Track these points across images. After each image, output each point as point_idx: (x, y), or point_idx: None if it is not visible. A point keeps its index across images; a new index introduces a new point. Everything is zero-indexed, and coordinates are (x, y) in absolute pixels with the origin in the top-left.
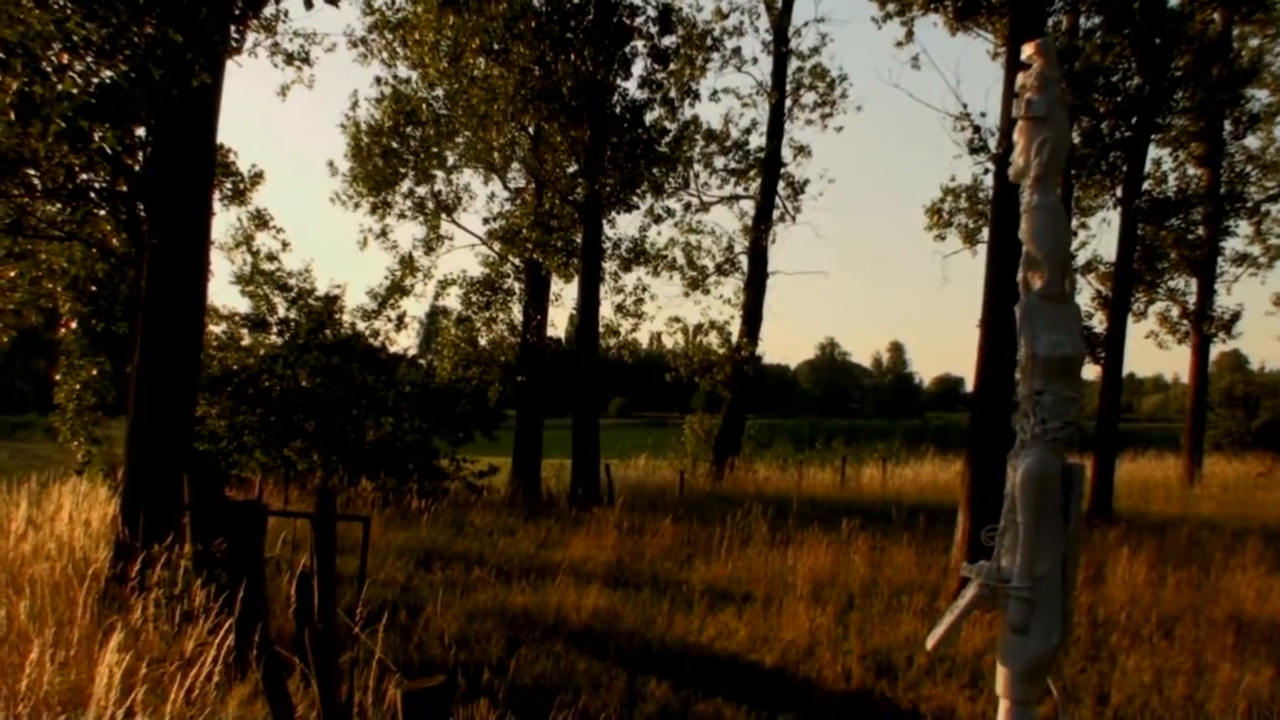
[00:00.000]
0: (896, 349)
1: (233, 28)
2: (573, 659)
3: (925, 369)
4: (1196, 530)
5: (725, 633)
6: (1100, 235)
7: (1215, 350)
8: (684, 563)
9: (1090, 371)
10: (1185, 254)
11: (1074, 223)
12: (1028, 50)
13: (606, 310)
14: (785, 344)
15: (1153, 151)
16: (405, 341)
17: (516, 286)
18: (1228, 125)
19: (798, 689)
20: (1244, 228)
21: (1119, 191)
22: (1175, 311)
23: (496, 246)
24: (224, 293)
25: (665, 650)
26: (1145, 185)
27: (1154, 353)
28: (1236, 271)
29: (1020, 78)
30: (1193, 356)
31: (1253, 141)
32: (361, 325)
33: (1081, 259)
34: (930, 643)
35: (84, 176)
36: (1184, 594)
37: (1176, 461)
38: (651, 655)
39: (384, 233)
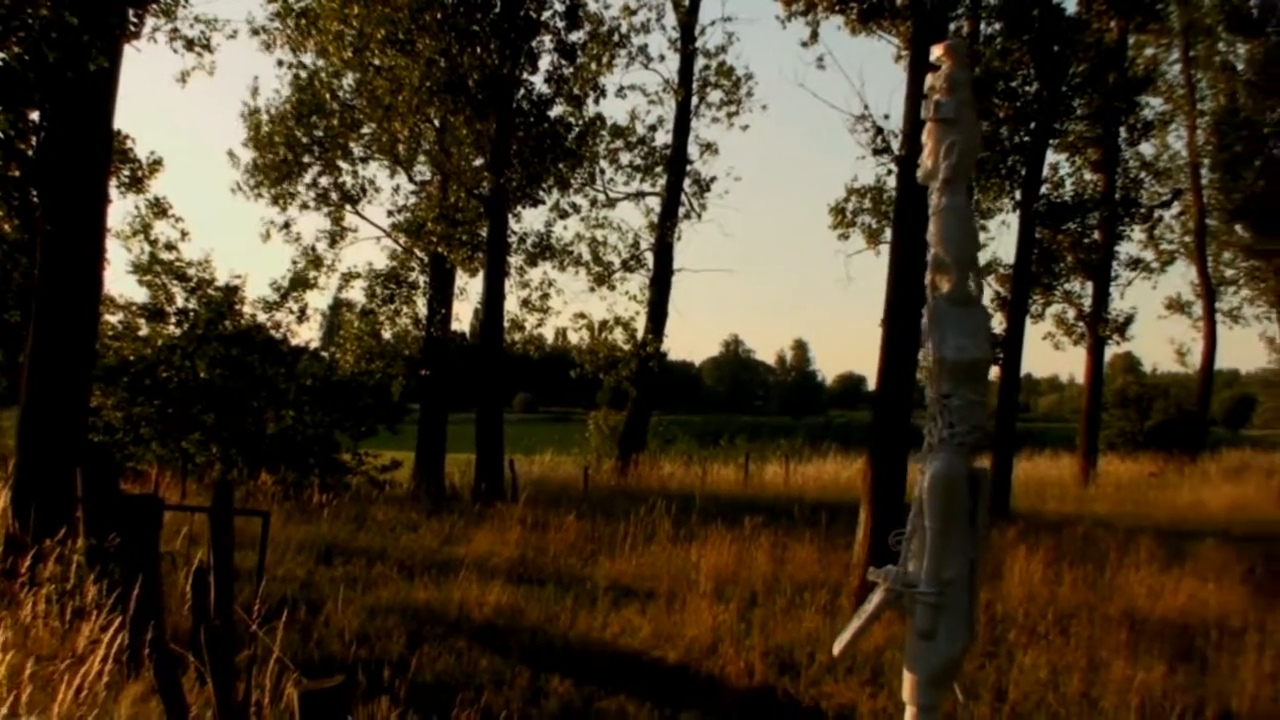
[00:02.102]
0: (800, 347)
1: (130, 11)
2: (475, 656)
3: (828, 367)
4: (1091, 529)
5: (629, 629)
6: (999, 238)
7: (1109, 352)
8: (588, 559)
9: (989, 372)
10: (1081, 257)
11: None
12: (936, 52)
13: (512, 305)
14: (690, 341)
15: (1051, 156)
16: (308, 334)
17: (421, 280)
18: (1123, 132)
19: (701, 686)
20: (1137, 233)
21: (1018, 195)
22: (1071, 314)
23: (401, 239)
24: (121, 281)
25: (568, 647)
26: (1043, 189)
27: (1049, 354)
28: (1130, 275)
29: (929, 79)
30: (1088, 358)
31: (1146, 148)
32: (263, 317)
33: (982, 261)
34: (836, 648)
35: None
36: (1079, 591)
37: (1072, 461)
38: (555, 652)
39: (287, 225)
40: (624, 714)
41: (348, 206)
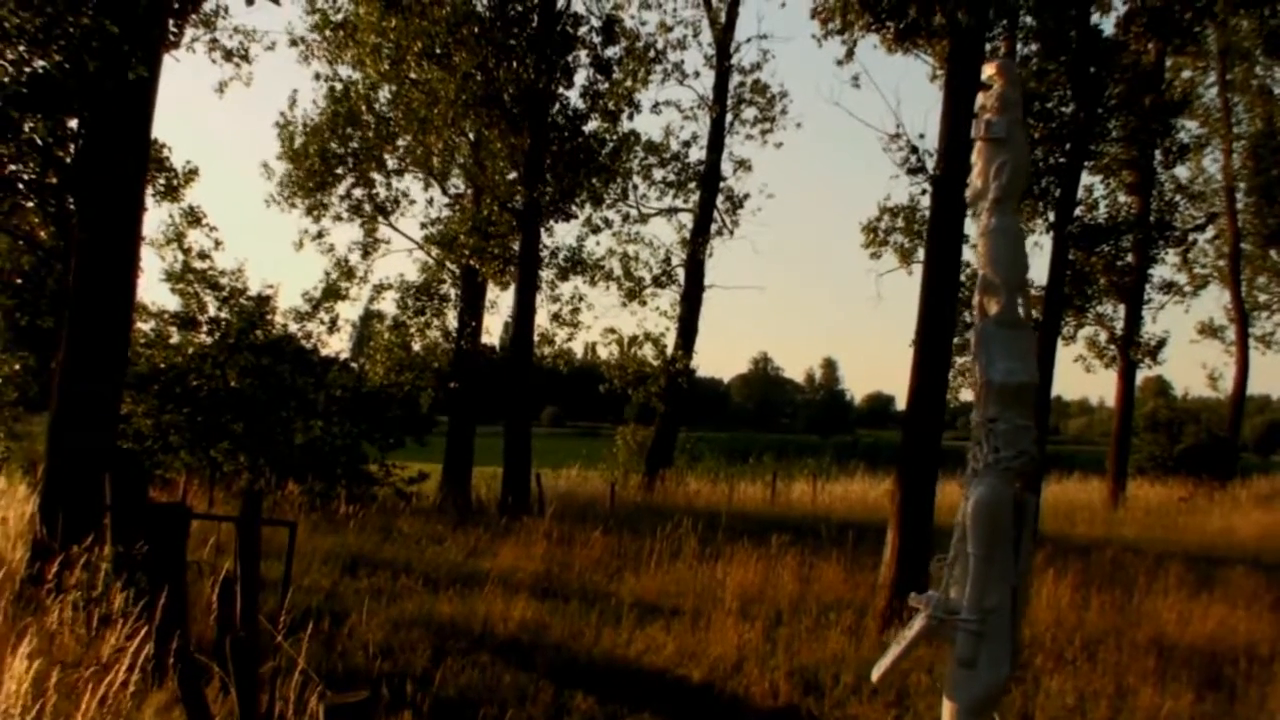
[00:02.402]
0: (829, 365)
1: (171, 21)
2: (499, 670)
3: (857, 386)
4: (1120, 553)
5: (653, 647)
6: (1033, 259)
7: (1140, 376)
8: (613, 575)
9: (1035, 397)
10: (1114, 280)
11: None
12: (989, 70)
13: (542, 319)
14: (719, 357)
15: (1085, 178)
16: (338, 345)
17: (452, 293)
18: (1158, 155)
19: (725, 705)
20: (1171, 256)
21: (1052, 216)
22: (1103, 336)
23: (434, 252)
24: (154, 290)
25: (592, 663)
26: (1077, 211)
27: (1079, 377)
28: (1163, 299)
29: (980, 98)
30: (1119, 381)
31: (1182, 171)
32: (294, 327)
33: None
34: (875, 674)
35: (13, 167)
36: (1107, 616)
37: (1101, 484)
38: (578, 668)
39: (320, 234)
40: None
41: (381, 218)
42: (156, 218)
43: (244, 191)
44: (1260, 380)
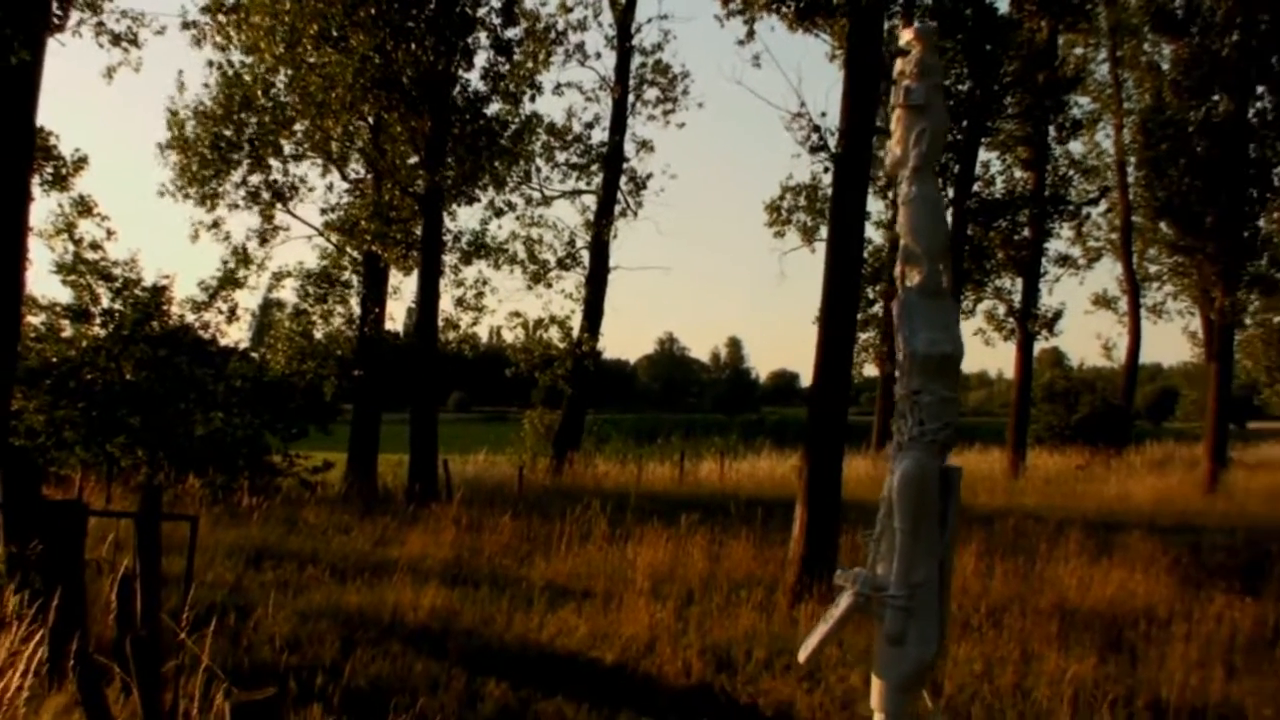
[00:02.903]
0: (734, 344)
1: (54, 4)
2: (410, 659)
3: (762, 364)
4: (1021, 521)
5: (565, 630)
6: None
7: (1037, 347)
8: (523, 559)
9: (960, 367)
10: (1011, 254)
11: None
12: (906, 36)
13: (446, 304)
14: (624, 339)
15: (982, 154)
16: (237, 334)
17: (354, 279)
18: (1052, 130)
19: (639, 685)
20: (1066, 230)
21: (951, 192)
22: (1001, 309)
23: (334, 238)
24: (43, 282)
25: (505, 649)
26: (975, 187)
27: (978, 349)
28: (1059, 272)
29: (898, 64)
30: (1017, 353)
31: (1075, 147)
32: (191, 317)
33: None
34: (802, 655)
35: None
36: (1011, 584)
37: (1001, 455)
38: (491, 654)
39: (215, 224)
40: (562, 716)
41: (279, 205)
42: (45, 207)
43: (138, 180)
44: (1151, 349)
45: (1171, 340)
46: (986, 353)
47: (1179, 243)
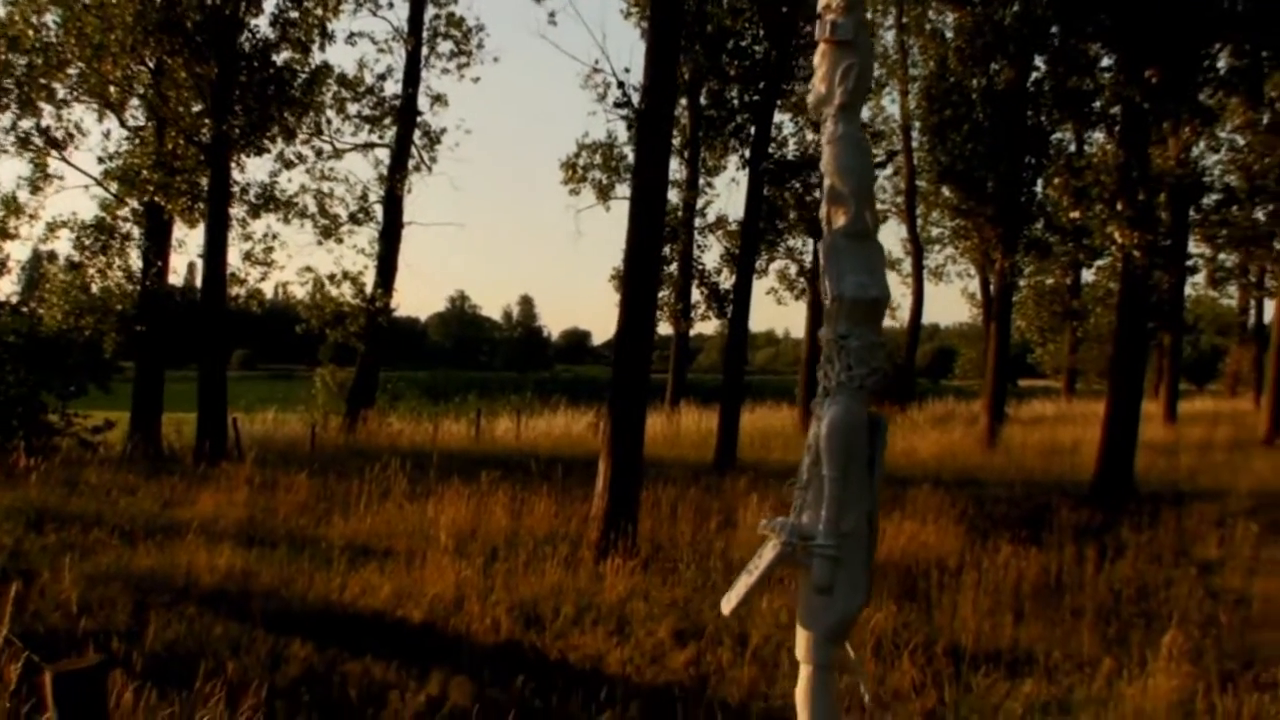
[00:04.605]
0: (526, 302)
1: None
2: (208, 622)
3: (554, 322)
4: None
5: (369, 589)
6: (729, 196)
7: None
8: (321, 519)
9: (712, 326)
10: (804, 214)
11: (700, 182)
12: None
13: (234, 258)
14: (415, 296)
15: (777, 116)
16: (7, 288)
17: (135, 231)
18: None
19: (448, 643)
20: None
21: (746, 153)
22: (794, 269)
23: (114, 188)
24: None
25: (307, 610)
26: (770, 148)
27: (765, 308)
28: None
29: None
30: (808, 312)
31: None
32: None
33: (711, 218)
34: (726, 607)
35: None
36: None
37: (792, 411)
38: (293, 615)
39: None
40: (370, 676)
41: (53, 152)
42: None
43: None
44: (930, 310)
45: (948, 302)
46: (772, 313)
47: (961, 206)
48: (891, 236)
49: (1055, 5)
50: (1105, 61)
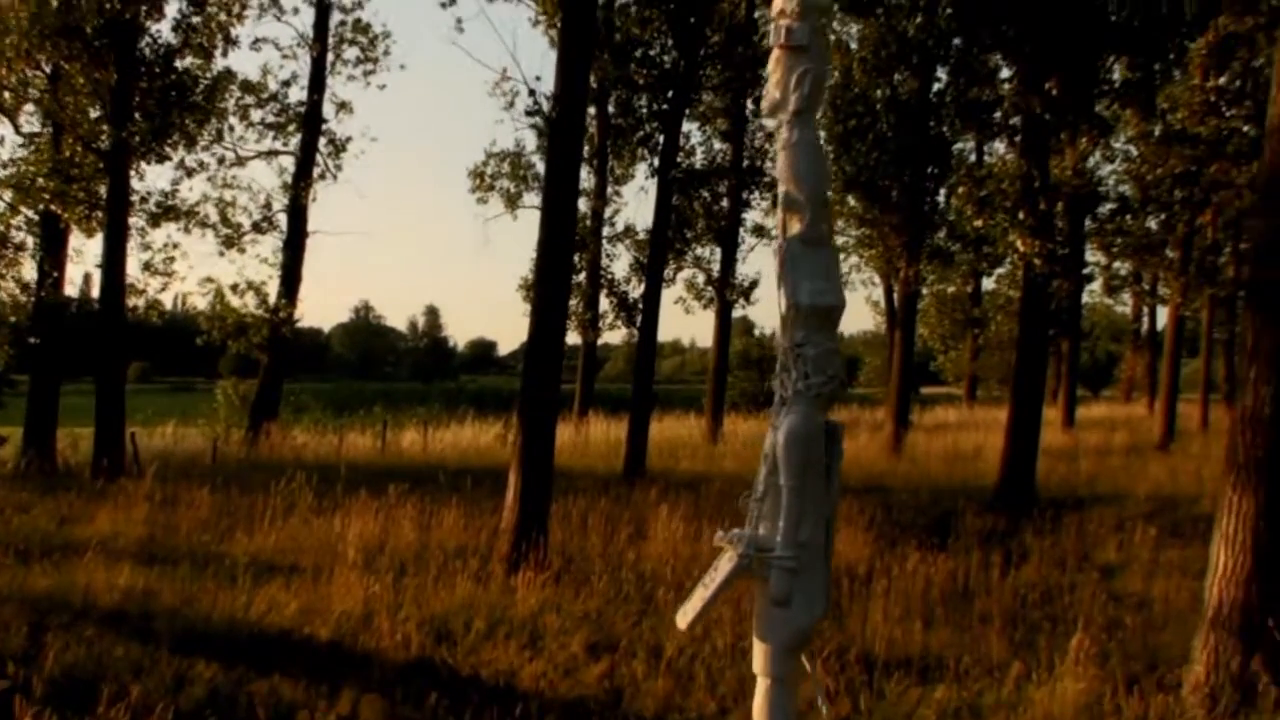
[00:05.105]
0: (432, 312)
1: None
2: (109, 643)
3: (460, 332)
4: (725, 485)
5: (275, 606)
6: (638, 205)
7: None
8: (224, 535)
9: (619, 336)
10: (712, 224)
11: (609, 191)
12: None
13: (133, 268)
14: (320, 306)
15: (685, 125)
16: None
17: (30, 240)
18: (749, 104)
19: (357, 660)
20: (761, 201)
21: (656, 162)
22: (701, 278)
23: (7, 196)
24: None
25: (212, 629)
26: (679, 157)
27: (671, 317)
28: (754, 241)
29: (776, 3)
30: (716, 321)
31: (769, 121)
32: None
33: (619, 226)
34: (682, 622)
35: None
36: None
37: (698, 421)
38: (197, 634)
39: None
40: (278, 695)
41: None
42: None
43: None
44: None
45: (852, 310)
46: (679, 322)
47: (866, 215)
48: None
49: (957, 17)
50: (1005, 73)
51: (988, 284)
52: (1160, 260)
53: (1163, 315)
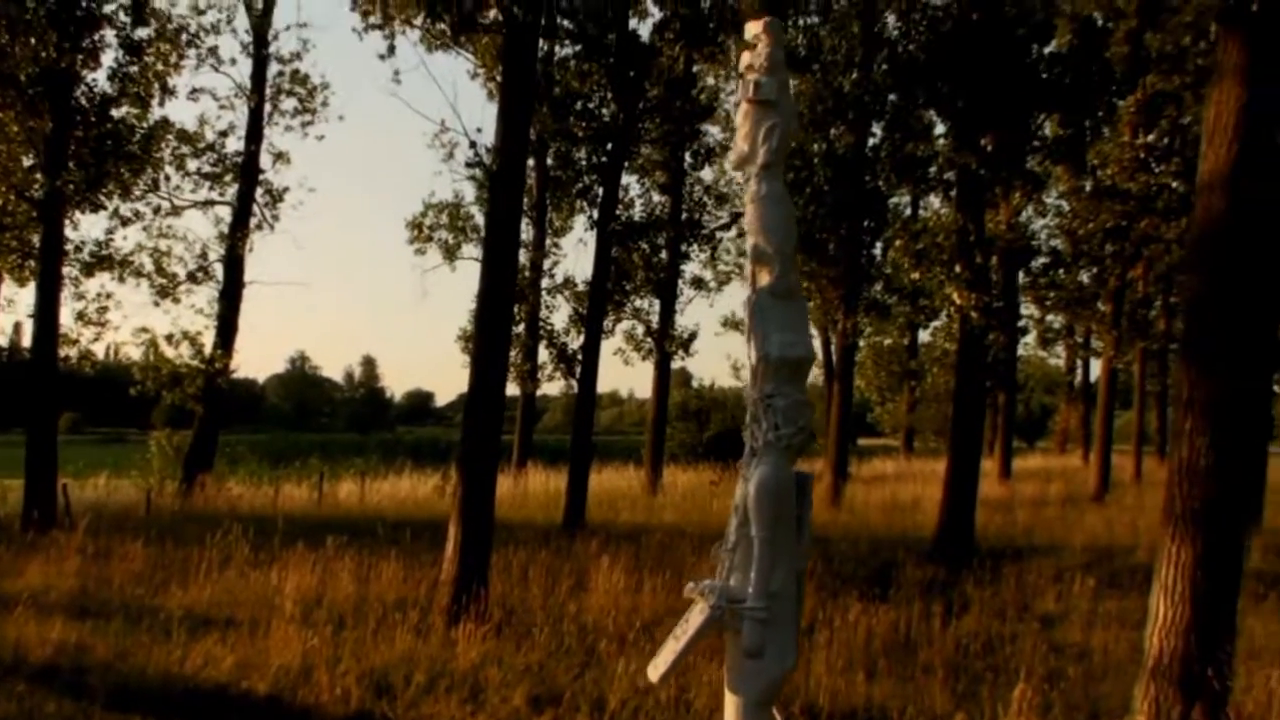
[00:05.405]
0: (369, 363)
1: None
2: (40, 699)
3: (396, 383)
4: (665, 537)
5: (211, 660)
6: (577, 257)
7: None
8: (159, 588)
9: (557, 387)
10: (651, 276)
11: (548, 242)
12: (754, 29)
13: (66, 317)
14: (255, 357)
15: (624, 177)
16: None
17: None
18: (688, 157)
19: (296, 715)
20: (700, 253)
21: (595, 214)
22: (640, 330)
23: None
24: None
25: (146, 684)
26: (618, 210)
27: (610, 368)
28: (692, 294)
29: (745, 58)
30: (655, 373)
31: (708, 174)
32: None
33: (559, 279)
34: (654, 675)
35: None
36: (660, 598)
37: (637, 472)
38: (131, 690)
39: None
40: None
41: None
42: None
43: None
44: None
45: None
46: (617, 373)
47: (804, 268)
48: (735, 299)
49: (892, 74)
50: (940, 129)
51: (924, 336)
52: (1093, 314)
53: (1096, 368)
